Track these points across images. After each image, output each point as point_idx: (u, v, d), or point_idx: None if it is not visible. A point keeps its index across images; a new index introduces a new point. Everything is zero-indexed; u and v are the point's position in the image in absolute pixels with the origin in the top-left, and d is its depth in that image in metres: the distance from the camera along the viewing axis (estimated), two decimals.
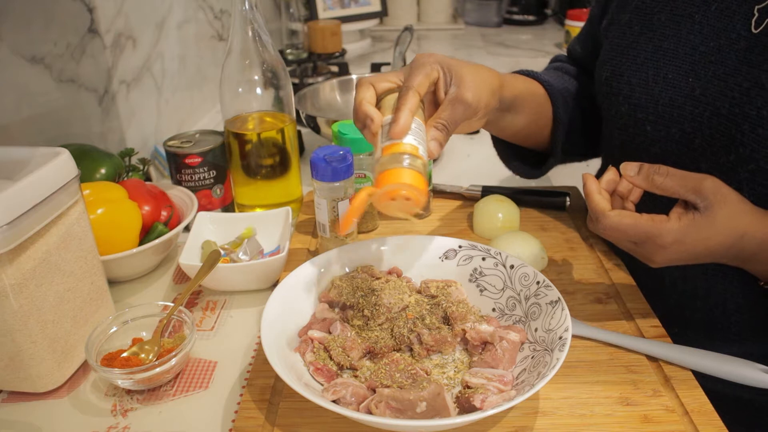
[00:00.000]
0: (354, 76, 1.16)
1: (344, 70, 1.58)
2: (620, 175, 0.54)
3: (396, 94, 0.56)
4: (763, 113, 0.53)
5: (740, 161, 0.56)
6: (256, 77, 0.79)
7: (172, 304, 0.61)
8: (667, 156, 0.63)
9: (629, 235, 0.52)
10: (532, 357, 0.53)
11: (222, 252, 0.71)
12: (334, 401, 0.49)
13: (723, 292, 0.63)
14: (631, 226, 0.51)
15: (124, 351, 0.57)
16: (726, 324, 0.64)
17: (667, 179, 0.51)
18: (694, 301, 0.66)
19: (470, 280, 0.63)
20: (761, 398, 0.61)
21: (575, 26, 1.77)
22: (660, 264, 0.53)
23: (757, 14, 0.55)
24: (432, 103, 0.59)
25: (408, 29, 1.33)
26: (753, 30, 0.55)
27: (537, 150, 0.80)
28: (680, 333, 0.63)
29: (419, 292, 0.63)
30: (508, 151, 0.80)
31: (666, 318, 0.62)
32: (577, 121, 0.78)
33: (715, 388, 0.54)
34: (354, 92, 0.59)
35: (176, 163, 0.81)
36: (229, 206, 0.86)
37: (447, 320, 0.59)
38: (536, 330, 0.55)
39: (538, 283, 0.58)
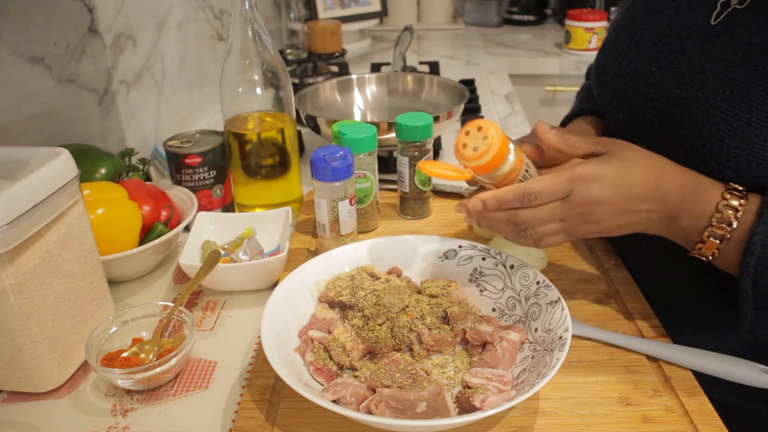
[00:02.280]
0: (354, 76, 1.16)
1: (344, 70, 1.58)
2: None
3: None
4: (700, 95, 0.55)
5: (680, 141, 0.58)
6: (256, 77, 0.79)
7: (172, 304, 0.61)
8: (634, 143, 0.64)
9: (555, 189, 0.53)
10: (532, 357, 0.53)
11: (222, 252, 0.71)
12: (334, 401, 0.49)
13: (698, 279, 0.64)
14: (556, 176, 0.53)
15: (124, 351, 0.57)
16: (712, 313, 0.65)
17: (574, 136, 0.56)
18: (685, 295, 0.67)
19: (470, 280, 0.63)
20: (759, 398, 0.61)
21: (575, 26, 1.77)
22: (596, 216, 0.53)
23: (718, 8, 0.57)
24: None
25: (408, 29, 1.33)
26: (711, 22, 0.57)
27: None
28: (679, 332, 0.63)
29: (419, 292, 0.63)
30: None
31: (665, 317, 0.62)
32: None
33: (723, 398, 0.54)
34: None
35: (176, 163, 0.81)
36: (229, 206, 0.86)
37: (447, 320, 0.59)
38: (536, 330, 0.55)
39: (538, 283, 0.58)
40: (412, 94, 1.14)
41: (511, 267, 0.61)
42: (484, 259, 0.63)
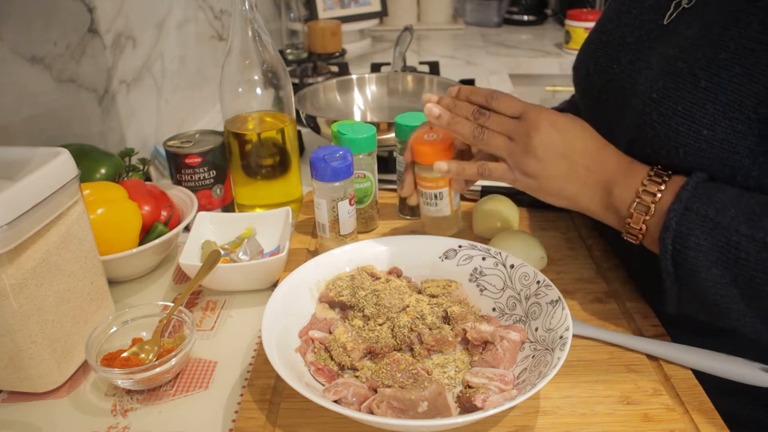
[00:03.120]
0: (354, 76, 1.16)
1: (344, 70, 1.58)
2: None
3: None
4: (639, 88, 0.58)
5: (624, 132, 0.60)
6: (256, 77, 0.79)
7: (172, 304, 0.61)
8: None
9: (515, 102, 0.59)
10: (533, 356, 0.53)
11: (222, 252, 0.71)
12: (335, 401, 0.49)
13: None
14: (517, 98, 0.59)
15: (124, 351, 0.57)
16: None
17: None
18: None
19: (470, 280, 0.63)
20: (759, 397, 0.61)
21: (575, 26, 1.77)
22: (536, 146, 0.56)
23: (671, 8, 0.59)
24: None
25: (408, 29, 1.33)
26: (664, 22, 0.60)
27: None
28: (687, 332, 0.63)
29: (419, 292, 0.63)
30: None
31: (669, 318, 0.62)
32: None
33: (730, 409, 0.54)
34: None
35: (176, 163, 0.81)
36: (229, 206, 0.86)
37: (447, 320, 0.59)
38: (537, 329, 0.55)
39: (538, 282, 0.58)
40: (412, 94, 1.15)
41: (512, 266, 0.61)
42: (484, 258, 0.63)
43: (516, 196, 0.82)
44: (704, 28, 0.54)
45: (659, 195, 0.53)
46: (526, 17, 2.20)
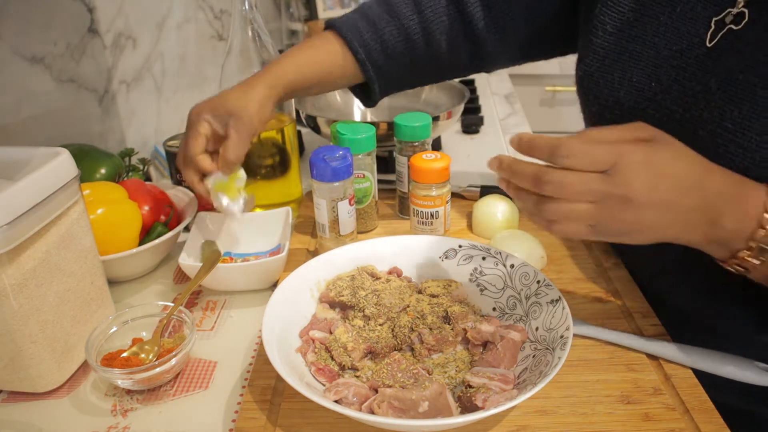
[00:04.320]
0: None
1: None
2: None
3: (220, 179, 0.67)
4: (705, 115, 0.52)
5: None
6: None
7: (172, 304, 0.61)
8: None
9: (597, 153, 0.44)
10: (534, 356, 0.53)
11: (224, 201, 0.68)
12: (336, 401, 0.49)
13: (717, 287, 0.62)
14: (600, 142, 0.45)
15: (124, 351, 0.57)
16: (733, 323, 0.64)
17: (602, 132, 0.47)
18: (697, 301, 0.66)
19: (470, 280, 0.63)
20: (759, 397, 0.61)
21: None
22: (638, 199, 0.44)
23: (713, 26, 0.53)
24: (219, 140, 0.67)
25: None
26: (707, 44, 0.54)
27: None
28: (693, 338, 0.63)
29: (420, 291, 0.63)
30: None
31: (669, 317, 0.62)
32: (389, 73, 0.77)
33: (726, 401, 0.54)
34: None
35: (176, 163, 0.80)
36: None
37: (448, 320, 0.59)
38: (537, 329, 0.55)
39: (538, 282, 0.58)
40: (412, 94, 1.14)
41: (512, 266, 0.61)
42: (484, 258, 0.63)
43: None
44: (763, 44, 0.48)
45: None
46: None
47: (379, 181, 0.90)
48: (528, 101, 1.78)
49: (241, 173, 0.68)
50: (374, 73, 0.76)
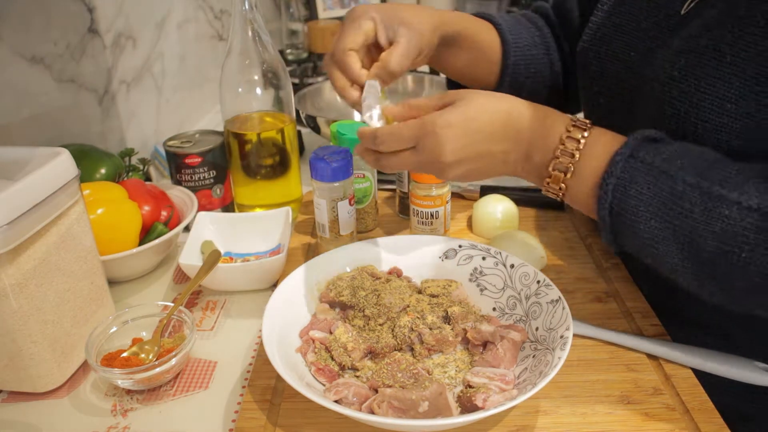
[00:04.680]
0: None
1: None
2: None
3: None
4: (658, 69, 0.56)
5: (644, 118, 0.58)
6: (256, 77, 0.79)
7: (172, 304, 0.61)
8: (613, 127, 0.63)
9: (404, 136, 0.53)
10: (534, 356, 0.53)
11: (375, 115, 0.61)
12: (336, 401, 0.49)
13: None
14: (401, 127, 0.53)
15: (124, 351, 0.57)
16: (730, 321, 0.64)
17: (416, 101, 0.55)
18: (694, 301, 0.66)
19: (470, 280, 0.63)
20: (759, 396, 0.61)
21: None
22: (449, 160, 0.53)
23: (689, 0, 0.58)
24: (372, 49, 0.64)
25: None
26: (681, 12, 0.58)
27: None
28: (687, 331, 0.63)
29: (420, 291, 0.63)
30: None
31: (669, 317, 0.62)
32: (528, 71, 0.79)
33: (727, 401, 0.54)
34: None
35: (176, 163, 0.81)
36: (229, 206, 0.86)
37: (448, 320, 0.59)
38: (537, 329, 0.55)
39: (538, 282, 0.58)
40: (412, 94, 1.15)
41: (512, 266, 0.61)
42: (484, 258, 0.63)
43: (515, 195, 0.82)
44: (727, 6, 0.53)
45: (578, 155, 0.52)
46: None
47: (379, 181, 0.90)
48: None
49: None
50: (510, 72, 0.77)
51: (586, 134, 0.53)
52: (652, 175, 0.49)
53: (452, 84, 0.82)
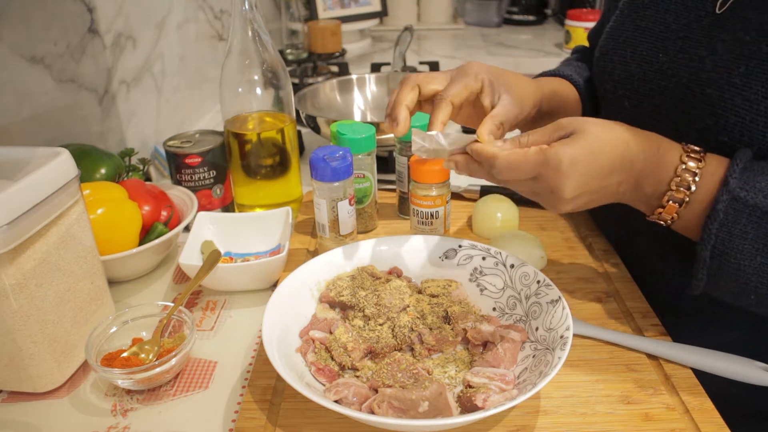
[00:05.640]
0: (354, 76, 1.16)
1: (344, 70, 1.58)
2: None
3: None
4: (713, 75, 0.56)
5: (691, 122, 0.58)
6: (256, 77, 0.79)
7: (172, 304, 0.61)
8: (641, 128, 0.64)
9: (524, 170, 0.52)
10: (534, 356, 0.53)
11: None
12: (336, 401, 0.49)
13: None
14: (523, 160, 0.52)
15: (124, 351, 0.57)
16: (701, 305, 0.65)
17: (530, 136, 0.54)
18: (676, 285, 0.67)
19: (470, 280, 0.63)
20: (759, 396, 0.61)
21: (575, 26, 1.77)
22: (571, 195, 0.52)
23: None
24: (473, 113, 0.64)
25: (408, 29, 1.33)
26: (717, 11, 0.58)
27: None
28: (679, 322, 0.63)
29: (420, 291, 0.63)
30: None
31: (668, 313, 0.62)
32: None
33: (727, 401, 0.54)
34: (397, 90, 0.63)
35: (176, 163, 0.81)
36: (229, 206, 0.86)
37: (448, 320, 0.59)
38: (537, 329, 0.55)
39: (538, 282, 0.58)
40: None
41: (512, 266, 0.61)
42: (484, 258, 0.63)
43: (515, 195, 0.82)
44: None
45: (694, 187, 0.52)
46: (526, 17, 2.20)
47: (379, 181, 0.90)
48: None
49: None
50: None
51: (701, 164, 0.52)
52: (755, 216, 0.50)
53: None
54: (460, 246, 0.65)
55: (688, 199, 0.53)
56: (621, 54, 0.67)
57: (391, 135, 0.90)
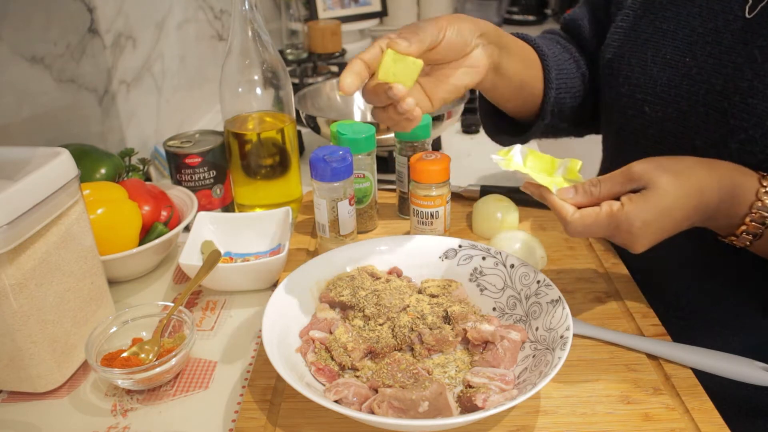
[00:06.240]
0: None
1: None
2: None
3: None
4: (755, 84, 0.55)
5: (731, 133, 0.57)
6: (256, 77, 0.79)
7: (172, 304, 0.61)
8: (664, 136, 0.63)
9: (596, 232, 0.52)
10: (534, 356, 0.53)
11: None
12: (336, 401, 0.49)
13: (714, 273, 0.64)
14: (595, 223, 0.51)
15: (124, 351, 0.57)
16: (725, 308, 0.65)
17: (601, 186, 0.53)
18: (692, 288, 0.67)
19: (470, 280, 0.63)
20: (758, 396, 0.61)
21: None
22: (644, 247, 0.52)
23: (750, 0, 0.57)
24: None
25: None
26: (747, 15, 0.57)
27: (524, 122, 0.79)
28: (686, 325, 0.63)
29: (420, 291, 0.63)
30: (496, 123, 0.80)
31: (667, 311, 0.62)
32: (567, 89, 0.76)
33: (714, 388, 0.54)
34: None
35: (176, 163, 0.81)
36: (229, 206, 0.86)
37: (448, 320, 0.59)
38: (537, 329, 0.55)
39: (538, 282, 0.58)
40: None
41: (512, 266, 0.61)
42: (484, 258, 0.63)
43: (515, 195, 0.82)
44: None
45: None
46: (526, 17, 2.20)
47: (379, 181, 0.90)
48: None
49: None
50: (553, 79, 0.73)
51: None
52: None
53: (486, 115, 0.80)
54: (460, 246, 0.65)
55: (762, 232, 0.53)
56: (640, 57, 0.65)
57: (392, 135, 0.90)
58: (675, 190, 0.50)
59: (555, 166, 0.57)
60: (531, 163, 0.57)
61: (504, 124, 0.79)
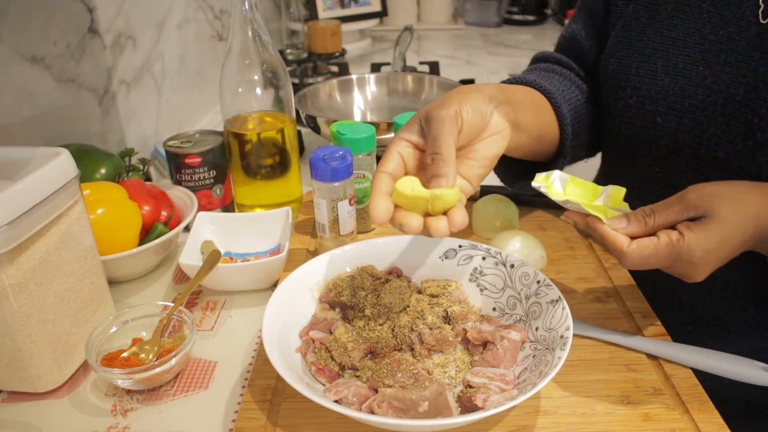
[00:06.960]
0: (354, 76, 1.16)
1: (344, 70, 1.58)
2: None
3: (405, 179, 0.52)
4: None
5: (759, 146, 0.56)
6: (256, 77, 0.79)
7: (172, 304, 0.61)
8: (679, 147, 0.62)
9: (655, 263, 0.50)
10: (534, 356, 0.53)
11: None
12: (336, 401, 0.49)
13: (742, 284, 0.63)
14: (653, 255, 0.49)
15: (124, 351, 0.57)
16: (743, 317, 0.64)
17: (656, 215, 0.51)
18: (709, 296, 0.66)
19: (470, 280, 0.63)
20: (758, 396, 0.61)
21: None
22: (703, 277, 0.51)
23: (762, 5, 0.55)
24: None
25: (408, 29, 1.33)
26: (761, 20, 0.55)
27: (543, 163, 0.75)
28: (693, 331, 0.63)
29: (420, 291, 0.63)
30: (514, 173, 0.75)
31: (677, 316, 0.62)
32: (580, 119, 0.75)
33: (714, 388, 0.54)
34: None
35: (176, 163, 0.81)
36: (229, 206, 0.86)
37: (448, 320, 0.59)
38: (537, 329, 0.55)
39: (538, 282, 0.58)
40: (412, 94, 1.15)
41: (512, 266, 0.61)
42: (484, 258, 0.63)
43: (515, 195, 0.82)
44: None
45: None
46: (526, 17, 2.20)
47: None
48: None
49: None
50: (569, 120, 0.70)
51: None
52: None
53: (501, 167, 0.74)
54: (460, 246, 0.65)
55: None
56: (649, 66, 0.63)
57: (391, 135, 0.90)
58: (735, 216, 0.49)
59: (596, 193, 0.54)
60: (571, 189, 0.54)
61: (522, 173, 0.74)
